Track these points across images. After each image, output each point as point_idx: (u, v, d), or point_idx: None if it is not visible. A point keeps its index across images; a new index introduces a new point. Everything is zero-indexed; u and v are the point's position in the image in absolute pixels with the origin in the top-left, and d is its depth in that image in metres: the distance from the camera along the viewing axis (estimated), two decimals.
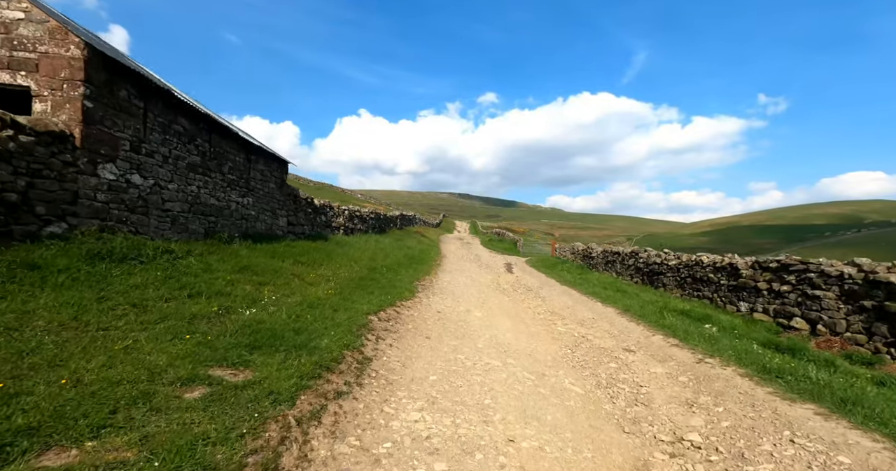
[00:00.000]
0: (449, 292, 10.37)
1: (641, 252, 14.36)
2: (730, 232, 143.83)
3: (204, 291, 5.23)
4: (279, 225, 12.31)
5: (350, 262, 11.66)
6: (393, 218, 29.92)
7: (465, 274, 14.79)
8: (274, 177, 11.94)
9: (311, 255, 10.41)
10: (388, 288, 9.20)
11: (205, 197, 8.69)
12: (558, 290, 12.22)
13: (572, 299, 10.53)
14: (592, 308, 9.40)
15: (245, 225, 10.46)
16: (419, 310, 7.93)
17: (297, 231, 13.56)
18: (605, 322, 8.08)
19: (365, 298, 7.56)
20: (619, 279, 15.42)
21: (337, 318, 5.74)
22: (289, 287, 7.13)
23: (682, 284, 11.55)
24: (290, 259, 9.11)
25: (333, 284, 8.33)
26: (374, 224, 24.02)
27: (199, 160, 8.44)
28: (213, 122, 8.77)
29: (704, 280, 10.51)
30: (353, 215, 20.23)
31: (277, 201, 12.19)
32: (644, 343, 6.53)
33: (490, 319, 7.78)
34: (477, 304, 9.21)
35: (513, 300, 10.34)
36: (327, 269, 9.87)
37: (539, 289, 12.27)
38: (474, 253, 25.38)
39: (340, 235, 17.93)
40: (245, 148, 10.43)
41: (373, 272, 10.97)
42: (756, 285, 8.71)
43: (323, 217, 16.68)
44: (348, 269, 10.65)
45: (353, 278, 9.54)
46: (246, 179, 10.48)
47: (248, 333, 4.26)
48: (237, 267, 6.90)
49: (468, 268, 16.97)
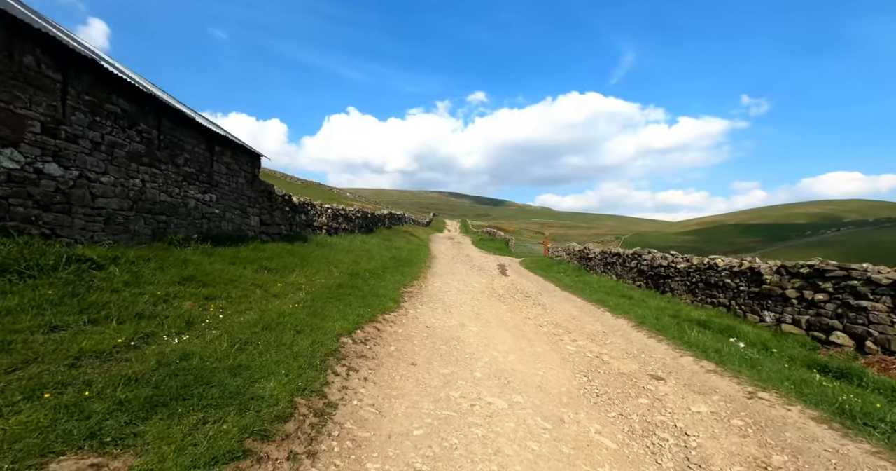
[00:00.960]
0: (439, 301, 9.18)
1: (645, 254, 13.35)
2: (715, 231, 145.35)
3: (116, 314, 3.95)
4: (250, 225, 10.97)
5: (329, 266, 10.38)
6: (381, 217, 28.60)
7: (456, 277, 13.61)
8: (244, 171, 10.60)
9: (283, 259, 9.11)
10: (369, 297, 7.97)
11: (152, 193, 7.35)
12: (559, 296, 11.10)
13: (577, 308, 9.41)
14: (601, 319, 8.28)
15: (207, 225, 9.12)
16: (405, 325, 6.72)
17: (271, 232, 12.22)
18: (619, 337, 6.97)
19: (340, 313, 6.32)
20: (620, 283, 14.40)
21: (298, 344, 4.50)
22: (245, 301, 5.86)
23: (692, 290, 10.54)
24: (254, 265, 7.81)
25: (304, 295, 7.07)
26: (360, 223, 22.70)
27: (143, 149, 7.09)
28: (162, 104, 7.42)
29: (720, 286, 9.50)
30: (338, 214, 18.90)
31: (248, 198, 10.85)
32: (673, 367, 5.42)
33: (487, 335, 6.61)
34: (471, 315, 8.03)
35: (511, 309, 9.19)
36: (300, 275, 8.59)
37: (538, 295, 11.14)
38: (465, 253, 24.24)
39: (323, 235, 16.60)
40: (207, 137, 9.08)
41: (354, 278, 9.72)
42: (783, 293, 7.70)
43: (303, 216, 15.34)
44: (326, 275, 9.38)
45: (329, 286, 8.29)
46: (208, 172, 9.14)
47: (157, 380, 3.02)
48: (180, 277, 5.60)
49: (460, 270, 15.80)
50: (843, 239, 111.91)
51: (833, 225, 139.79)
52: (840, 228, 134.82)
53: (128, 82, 6.50)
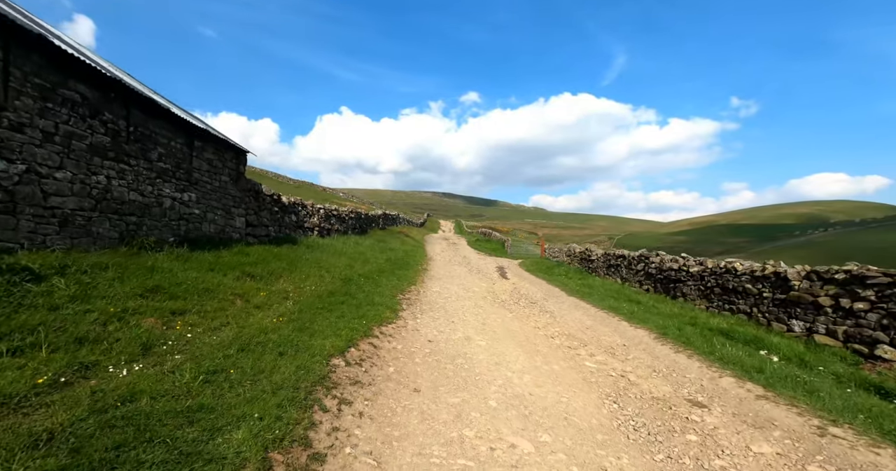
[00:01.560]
0: (440, 309, 8.43)
1: (653, 256, 12.71)
2: (706, 231, 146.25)
3: (50, 340, 3.16)
4: (235, 226, 10.13)
5: (320, 271, 9.59)
6: (375, 217, 27.78)
7: (455, 281, 12.87)
8: (227, 168, 9.76)
9: (269, 264, 8.30)
10: (364, 307, 7.21)
11: (120, 191, 6.51)
12: (567, 302, 10.40)
13: (588, 316, 8.71)
14: (617, 329, 7.59)
15: (185, 227, 8.28)
16: (404, 339, 5.96)
17: (258, 233, 11.39)
18: (641, 352, 6.27)
19: (331, 326, 5.55)
20: (625, 286, 13.76)
21: (279, 371, 3.73)
22: (222, 315, 5.06)
23: (707, 295, 9.90)
24: (235, 271, 7.00)
25: (291, 306, 6.28)
26: (353, 224, 21.88)
27: (108, 141, 6.25)
28: (131, 92, 6.58)
29: (738, 291, 8.86)
30: (330, 215, 18.07)
31: (232, 198, 10.02)
32: (714, 391, 4.73)
33: (497, 351, 5.88)
34: (476, 325, 7.29)
35: (517, 317, 8.47)
36: (288, 282, 7.79)
37: (544, 301, 10.43)
38: (462, 255, 23.52)
39: (314, 236, 15.76)
40: (185, 131, 8.24)
41: (347, 284, 8.94)
42: (815, 301, 7.06)
43: (293, 217, 14.50)
44: (316, 281, 8.59)
45: (320, 294, 7.50)
46: (186, 169, 8.30)
47: (81, 437, 2.24)
48: (143, 288, 4.79)
49: (458, 273, 15.07)
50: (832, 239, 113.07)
51: (821, 225, 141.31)
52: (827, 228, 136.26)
53: (87, 65, 5.67)
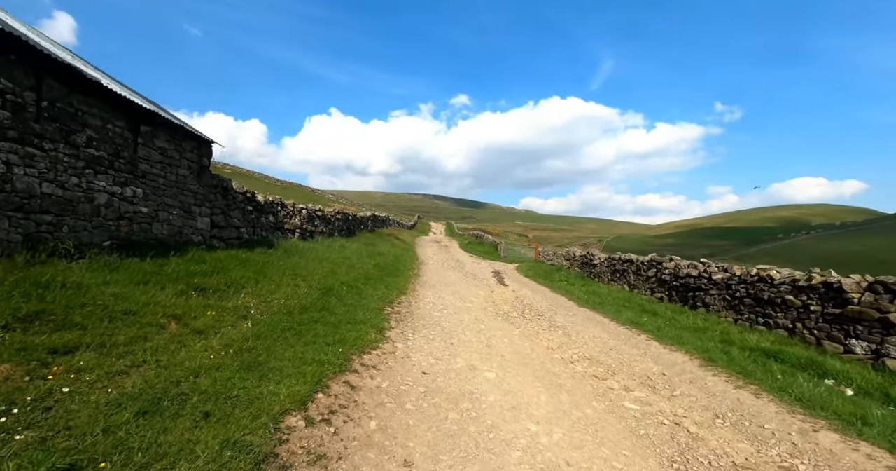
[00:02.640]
0: (435, 325, 7.08)
1: (666, 261, 11.54)
2: (693, 234, 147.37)
3: None
4: (196, 227, 8.64)
5: (295, 279, 8.16)
6: (363, 219, 26.31)
7: (450, 289, 11.53)
8: (187, 160, 8.28)
9: (231, 273, 6.85)
10: (343, 326, 5.82)
11: (27, 182, 5.04)
12: (578, 314, 9.10)
13: (607, 332, 7.43)
14: (647, 351, 6.31)
15: (128, 228, 6.79)
16: (392, 372, 4.59)
17: (227, 236, 9.90)
18: (689, 385, 4.99)
19: (295, 359, 4.16)
20: (635, 294, 12.57)
21: (189, 455, 2.36)
22: (137, 350, 3.64)
23: (735, 306, 8.72)
24: (179, 284, 5.53)
25: (247, 328, 4.87)
26: (340, 226, 20.41)
27: (7, 118, 4.78)
28: (42, 56, 5.12)
29: (776, 303, 7.69)
30: (314, 216, 16.59)
31: (193, 195, 8.53)
32: (816, 454, 3.44)
33: (510, 387, 4.54)
34: (480, 347, 5.95)
35: (525, 335, 7.15)
36: (251, 295, 6.36)
37: (552, 313, 9.13)
38: (455, 258, 22.19)
39: (295, 239, 14.29)
40: (127, 112, 6.77)
41: (326, 296, 7.53)
42: (885, 318, 5.89)
43: (271, 218, 13.02)
44: (289, 292, 7.17)
45: (290, 310, 6.09)
46: (129, 159, 6.82)
47: None
48: (13, 316, 3.34)
49: (453, 279, 13.73)
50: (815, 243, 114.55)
51: (802, 228, 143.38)
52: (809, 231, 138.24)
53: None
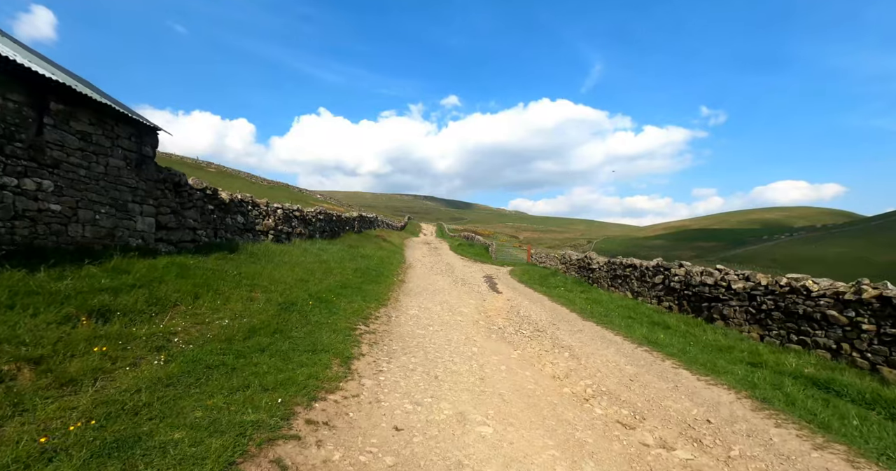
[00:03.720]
0: (417, 347, 5.80)
1: (675, 267, 10.42)
2: (680, 235, 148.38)
3: None
4: (135, 229, 7.22)
5: (252, 291, 6.80)
6: (349, 220, 24.88)
7: (438, 297, 10.26)
8: (121, 148, 6.87)
9: (162, 286, 5.45)
10: (297, 355, 4.51)
11: None
12: (584, 330, 7.85)
13: (622, 354, 6.20)
14: (678, 383, 5.08)
15: (28, 230, 5.37)
16: (349, 434, 3.28)
17: (178, 239, 8.47)
18: (745, 437, 3.78)
19: (197, 428, 2.81)
20: (640, 302, 11.44)
21: None
22: None
23: (760, 320, 7.60)
24: (68, 306, 4.12)
25: (149, 372, 3.51)
26: (322, 227, 18.99)
27: None
28: None
29: (814, 319, 6.58)
30: (290, 216, 15.16)
31: (131, 190, 7.11)
32: None
33: (514, 454, 3.25)
34: (473, 383, 4.68)
35: (525, 359, 5.90)
36: (184, 316, 5.00)
37: (553, 327, 7.91)
38: (445, 261, 20.94)
39: (268, 242, 12.88)
40: (28, 83, 5.36)
41: (286, 312, 6.19)
42: None
43: (239, 218, 11.59)
44: (239, 308, 5.81)
45: (231, 336, 4.74)
46: (32, 143, 5.41)
47: None
48: None
49: (441, 285, 12.46)
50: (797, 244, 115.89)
51: (786, 230, 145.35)
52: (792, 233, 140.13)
53: None
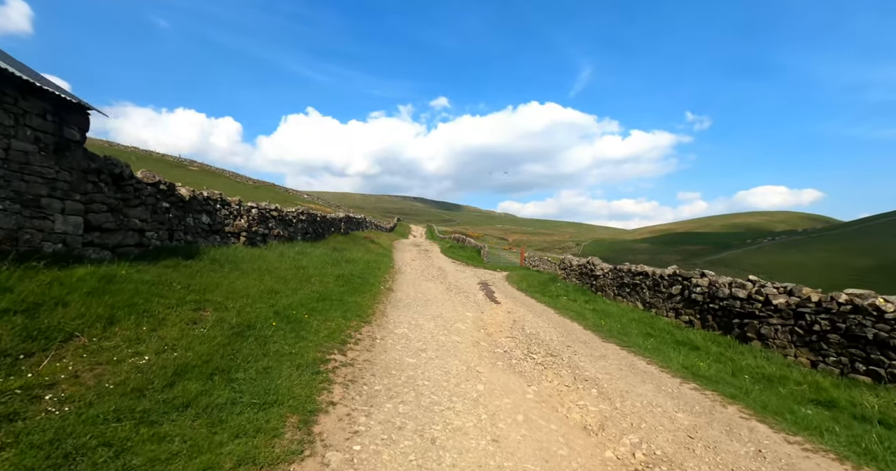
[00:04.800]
0: (406, 389, 4.42)
1: (696, 276, 9.23)
2: (666, 239, 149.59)
3: None
4: (55, 231, 5.70)
5: (200, 309, 5.35)
6: (335, 221, 23.35)
7: (431, 310, 8.90)
8: (29, 128, 5.36)
9: (55, 312, 3.96)
10: (233, 417, 3.07)
11: None
12: (609, 356, 6.50)
13: (668, 395, 4.90)
14: (760, 445, 3.75)
15: None
16: None
17: (118, 242, 6.94)
18: None
19: None
20: (653, 314, 10.24)
21: None
22: None
23: (811, 343, 6.42)
24: None
25: None
26: (305, 229, 17.47)
27: None
28: None
29: (890, 346, 5.41)
30: (268, 216, 13.63)
31: (48, 182, 5.61)
32: None
33: None
34: (482, 449, 3.30)
35: (545, 400, 4.58)
36: (81, 353, 3.53)
37: (570, 352, 6.59)
38: (437, 265, 19.57)
39: (239, 245, 11.36)
40: None
41: (239, 339, 4.76)
42: None
43: (204, 218, 10.06)
44: (173, 335, 4.36)
45: (143, 385, 3.27)
46: None
47: None
48: None
49: (434, 293, 11.10)
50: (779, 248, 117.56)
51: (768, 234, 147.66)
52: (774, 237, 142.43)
53: None
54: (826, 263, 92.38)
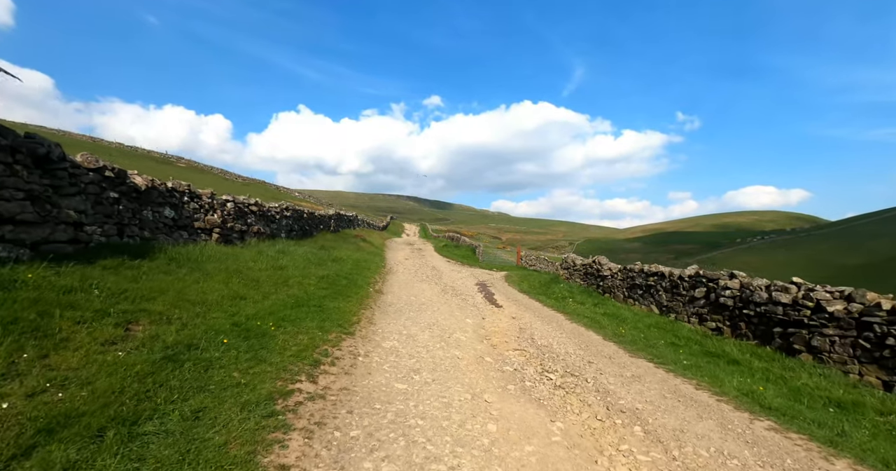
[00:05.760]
0: (393, 431, 3.19)
1: (724, 278, 8.13)
2: (658, 238, 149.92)
3: None
4: None
5: (118, 326, 4.08)
6: (324, 218, 22.03)
7: (426, 317, 7.70)
8: None
9: None
10: None
11: None
12: (646, 378, 5.29)
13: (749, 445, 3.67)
14: None
15: None
16: None
17: (44, 238, 5.64)
18: None
19: None
20: (672, 320, 9.14)
21: None
22: None
23: (882, 360, 5.34)
24: None
25: None
26: (290, 226, 16.16)
27: None
28: None
29: None
30: (246, 211, 12.31)
31: None
32: None
33: None
34: None
35: (577, 446, 3.38)
36: None
37: (594, 370, 5.42)
38: (431, 265, 18.38)
39: (210, 243, 10.07)
40: None
41: (168, 365, 3.49)
42: None
43: (167, 211, 8.75)
44: (68, 365, 3.08)
45: None
46: None
47: None
48: None
49: (428, 296, 9.90)
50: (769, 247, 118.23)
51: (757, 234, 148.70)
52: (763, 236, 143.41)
53: None
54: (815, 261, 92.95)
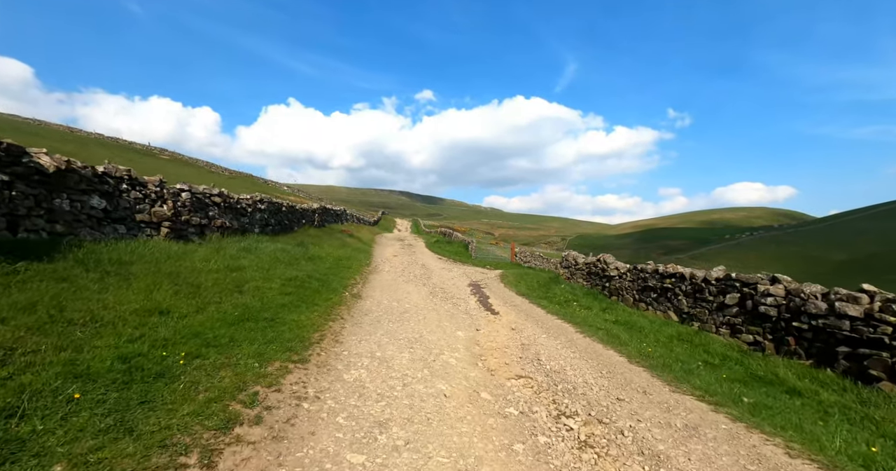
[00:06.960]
0: None
1: (764, 282, 6.73)
2: (649, 234, 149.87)
3: None
4: None
5: None
6: (306, 212, 20.35)
7: (405, 330, 6.18)
8: None
9: None
10: None
11: None
12: (705, 428, 3.80)
13: None
14: None
15: None
16: None
17: None
18: None
19: None
20: (696, 330, 7.75)
21: None
22: None
23: None
24: None
25: None
26: (265, 220, 14.48)
27: None
28: None
29: None
30: (206, 202, 10.64)
31: None
32: None
33: None
34: None
35: None
36: None
37: (628, 415, 3.96)
38: (420, 262, 16.87)
39: (161, 238, 8.45)
40: None
41: None
42: None
43: (95, 201, 7.11)
44: None
45: None
46: None
47: None
48: None
49: (413, 301, 8.39)
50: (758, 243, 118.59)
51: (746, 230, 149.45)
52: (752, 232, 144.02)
53: None
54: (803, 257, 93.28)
